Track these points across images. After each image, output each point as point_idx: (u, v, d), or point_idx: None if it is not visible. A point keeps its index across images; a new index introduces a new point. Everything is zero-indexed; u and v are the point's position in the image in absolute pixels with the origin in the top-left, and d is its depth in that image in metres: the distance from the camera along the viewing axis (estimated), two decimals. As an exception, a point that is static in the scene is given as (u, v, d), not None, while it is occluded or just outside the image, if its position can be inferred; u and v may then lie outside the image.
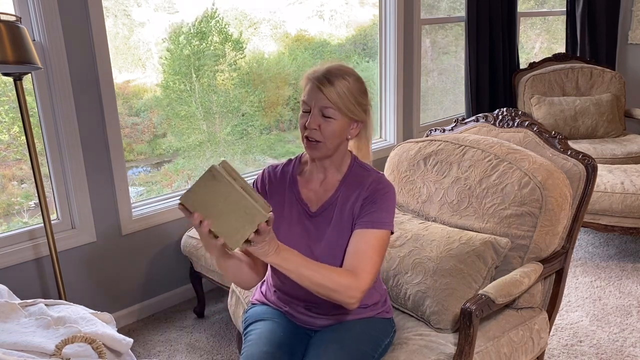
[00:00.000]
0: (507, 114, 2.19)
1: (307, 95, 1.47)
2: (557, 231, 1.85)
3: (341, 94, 1.45)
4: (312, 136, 1.47)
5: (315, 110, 1.46)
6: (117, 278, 2.70)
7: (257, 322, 1.65)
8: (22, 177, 2.55)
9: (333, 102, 1.44)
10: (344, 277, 1.40)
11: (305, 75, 1.51)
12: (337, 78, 1.45)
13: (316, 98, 1.45)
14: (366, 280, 1.42)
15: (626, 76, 5.04)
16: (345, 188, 1.55)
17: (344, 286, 1.38)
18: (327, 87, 1.44)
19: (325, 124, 1.46)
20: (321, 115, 1.46)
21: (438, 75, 4.46)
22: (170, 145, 3.06)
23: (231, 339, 2.59)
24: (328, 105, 1.45)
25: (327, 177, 1.58)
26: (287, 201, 1.58)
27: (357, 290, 1.40)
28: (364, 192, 1.52)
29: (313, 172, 1.59)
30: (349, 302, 1.41)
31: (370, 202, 1.51)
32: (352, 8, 3.79)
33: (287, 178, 1.61)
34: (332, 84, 1.44)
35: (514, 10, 4.40)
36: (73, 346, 1.54)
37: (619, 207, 3.01)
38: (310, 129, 1.46)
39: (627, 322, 2.60)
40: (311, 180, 1.59)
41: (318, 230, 1.55)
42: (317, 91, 1.45)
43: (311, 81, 1.47)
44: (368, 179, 1.55)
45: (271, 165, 1.66)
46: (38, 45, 2.29)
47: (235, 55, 3.19)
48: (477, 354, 1.65)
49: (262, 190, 1.62)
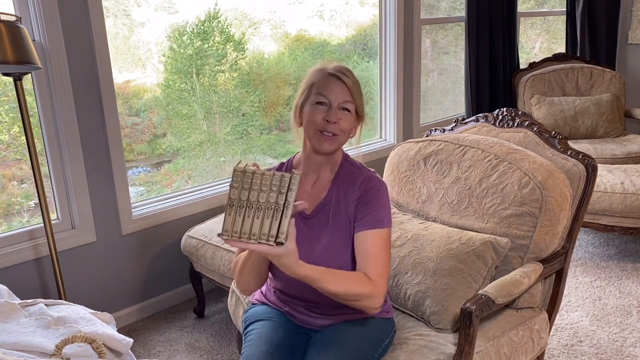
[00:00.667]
0: (507, 114, 2.19)
1: (325, 89, 1.47)
2: (557, 231, 1.85)
3: (358, 90, 1.49)
4: (333, 130, 1.47)
5: (335, 103, 1.47)
6: (117, 278, 2.70)
7: (257, 322, 1.65)
8: (22, 177, 2.55)
9: (353, 96, 1.47)
10: (364, 286, 1.40)
11: (315, 70, 1.51)
12: (351, 75, 1.49)
13: (337, 91, 1.46)
14: (383, 284, 1.44)
15: (626, 76, 5.04)
16: (337, 188, 1.56)
17: (366, 295, 1.40)
18: (348, 82, 1.47)
19: (344, 117, 1.48)
20: (340, 108, 1.47)
21: (438, 75, 4.46)
22: (170, 145, 3.06)
23: (231, 339, 2.59)
24: (348, 99, 1.47)
25: (320, 177, 1.58)
26: None
27: (378, 297, 1.42)
28: (357, 192, 1.53)
29: (306, 174, 1.58)
30: (372, 308, 1.43)
31: (365, 202, 1.51)
32: (352, 8, 3.79)
33: None
34: (351, 79, 1.47)
35: (514, 10, 4.40)
36: (73, 346, 1.54)
37: (619, 207, 3.01)
38: (333, 123, 1.46)
39: (627, 322, 2.60)
40: (304, 182, 1.59)
41: (314, 232, 1.55)
42: (339, 84, 1.47)
43: (329, 75, 1.48)
44: (359, 177, 1.55)
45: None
46: (38, 45, 2.29)
47: (237, 55, 3.19)
48: (477, 354, 1.65)
49: None
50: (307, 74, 1.55)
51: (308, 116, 1.49)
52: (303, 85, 1.54)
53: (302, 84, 1.55)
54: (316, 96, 1.48)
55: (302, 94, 1.53)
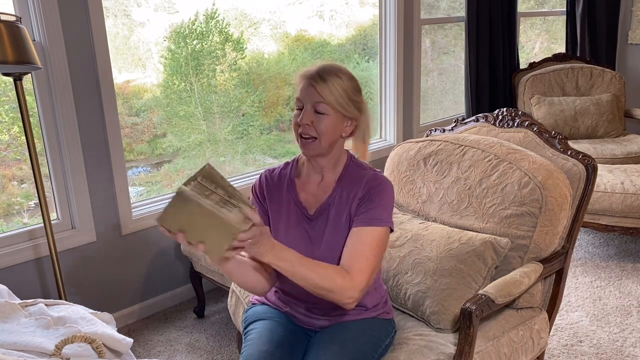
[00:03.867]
0: (507, 114, 2.19)
1: (300, 93, 1.48)
2: (557, 231, 1.85)
3: (333, 90, 1.45)
4: (307, 132, 1.47)
5: (308, 106, 1.46)
6: (117, 278, 2.70)
7: (257, 322, 1.65)
8: (22, 177, 2.55)
9: (325, 97, 1.45)
10: (339, 277, 1.39)
11: (299, 74, 1.51)
12: (329, 75, 1.46)
13: (308, 94, 1.46)
14: (360, 280, 1.41)
15: (626, 76, 5.04)
16: (341, 188, 1.55)
17: (339, 287, 1.38)
18: (320, 84, 1.45)
19: (318, 120, 1.46)
20: (314, 111, 1.46)
21: (438, 75, 4.46)
22: (170, 145, 3.06)
23: (231, 339, 2.59)
24: (320, 100, 1.45)
25: (325, 178, 1.57)
26: (285, 204, 1.58)
27: (353, 290, 1.40)
28: (360, 191, 1.52)
29: (310, 174, 1.58)
30: (346, 302, 1.41)
31: (367, 200, 1.50)
32: (352, 8, 3.79)
33: (285, 181, 1.60)
34: (324, 80, 1.45)
35: (514, 11, 4.40)
36: (73, 346, 1.54)
37: (619, 207, 3.01)
38: (303, 125, 1.46)
39: (627, 322, 2.60)
40: (308, 182, 1.58)
41: (317, 232, 1.55)
42: (310, 87, 1.46)
43: (304, 79, 1.48)
44: (364, 177, 1.54)
45: (268, 169, 1.65)
46: (38, 45, 2.29)
47: (236, 55, 3.19)
48: (477, 354, 1.65)
49: (260, 194, 1.62)
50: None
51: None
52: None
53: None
54: (295, 101, 1.50)
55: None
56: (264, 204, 1.61)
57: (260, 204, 1.62)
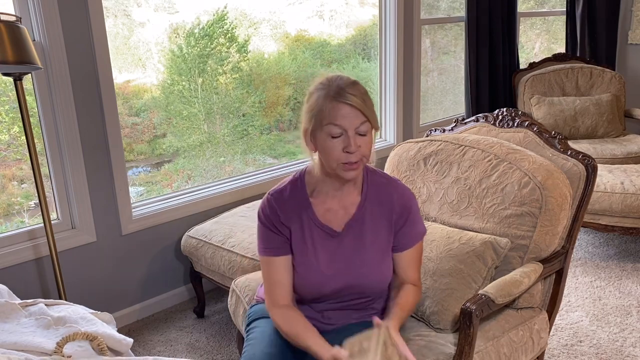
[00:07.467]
0: (507, 114, 2.19)
1: (336, 118, 1.36)
2: (557, 231, 1.85)
3: (369, 106, 1.38)
4: (355, 159, 1.38)
5: (351, 132, 1.37)
6: (117, 278, 2.70)
7: (260, 320, 1.65)
8: (22, 177, 2.55)
9: (366, 115, 1.37)
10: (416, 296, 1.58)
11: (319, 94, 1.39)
12: (354, 89, 1.38)
13: (349, 119, 1.36)
14: (421, 283, 1.66)
15: (626, 76, 5.04)
16: (369, 202, 1.54)
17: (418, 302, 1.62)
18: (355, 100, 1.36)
19: (362, 142, 1.39)
20: (357, 134, 1.38)
21: (438, 75, 4.47)
22: (171, 145, 3.06)
23: (231, 339, 2.59)
24: (362, 119, 1.37)
25: (344, 192, 1.53)
26: (306, 226, 1.52)
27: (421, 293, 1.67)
28: (395, 213, 1.55)
29: (329, 191, 1.52)
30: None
31: (405, 221, 1.56)
32: (352, 8, 3.79)
33: (300, 203, 1.53)
34: (355, 95, 1.37)
35: (514, 11, 4.40)
36: (73, 345, 1.54)
37: (618, 207, 3.01)
38: (353, 153, 1.37)
39: (627, 322, 2.60)
40: (326, 199, 1.53)
41: (346, 249, 1.52)
42: (348, 108, 1.36)
43: (334, 100, 1.36)
44: (392, 195, 1.55)
45: (273, 193, 1.55)
46: (38, 45, 2.29)
47: (239, 57, 3.19)
48: (477, 354, 1.65)
49: (275, 220, 1.52)
50: (310, 94, 1.43)
51: (326, 152, 1.40)
52: (308, 109, 1.42)
53: (305, 106, 1.44)
54: (328, 127, 1.37)
55: (310, 120, 1.41)
56: (281, 230, 1.53)
57: (278, 231, 1.53)
